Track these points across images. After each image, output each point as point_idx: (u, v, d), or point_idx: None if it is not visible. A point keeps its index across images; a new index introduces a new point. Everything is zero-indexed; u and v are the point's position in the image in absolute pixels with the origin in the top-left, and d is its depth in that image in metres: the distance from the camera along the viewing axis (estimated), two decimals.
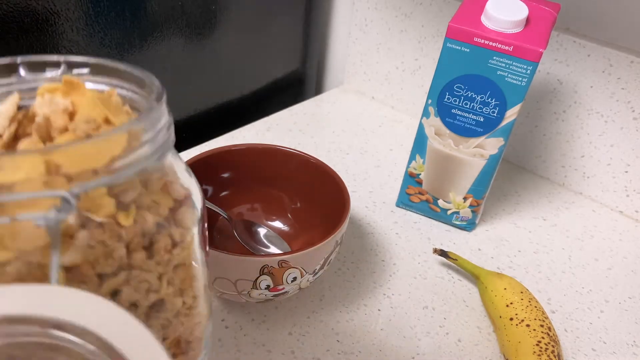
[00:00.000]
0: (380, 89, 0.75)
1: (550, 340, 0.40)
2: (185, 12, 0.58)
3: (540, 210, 0.59)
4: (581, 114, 0.59)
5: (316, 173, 0.48)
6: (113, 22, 0.52)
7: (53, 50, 0.49)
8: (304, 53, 0.77)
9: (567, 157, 0.62)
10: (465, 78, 0.46)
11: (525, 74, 0.44)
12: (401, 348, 0.42)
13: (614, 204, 0.60)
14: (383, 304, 0.46)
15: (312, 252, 0.39)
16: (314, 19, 0.76)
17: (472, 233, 0.55)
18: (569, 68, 0.57)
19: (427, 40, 0.67)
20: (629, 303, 0.49)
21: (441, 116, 0.49)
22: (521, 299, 0.43)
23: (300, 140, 0.67)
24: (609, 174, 0.59)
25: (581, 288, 0.50)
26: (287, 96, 0.78)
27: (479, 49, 0.44)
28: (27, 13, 0.45)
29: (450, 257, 0.49)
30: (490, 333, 0.45)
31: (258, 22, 0.67)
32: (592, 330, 0.46)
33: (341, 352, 0.42)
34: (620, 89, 0.55)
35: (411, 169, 0.54)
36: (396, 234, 0.54)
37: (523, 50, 0.43)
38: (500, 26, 0.44)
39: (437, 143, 0.51)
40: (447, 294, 0.48)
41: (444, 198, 0.54)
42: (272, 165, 0.49)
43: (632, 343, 0.45)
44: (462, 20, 0.45)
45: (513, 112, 0.46)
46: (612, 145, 0.58)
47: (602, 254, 0.54)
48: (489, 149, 0.49)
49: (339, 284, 0.47)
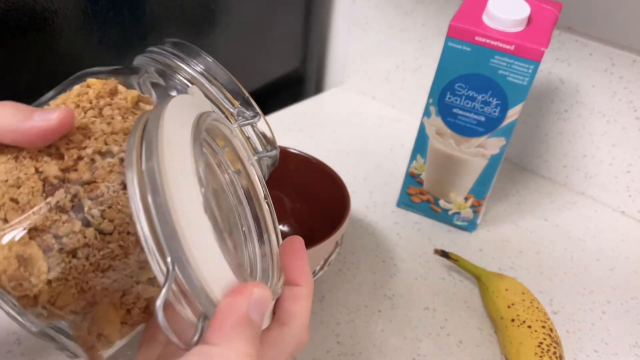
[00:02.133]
0: (381, 89, 0.75)
1: (552, 341, 0.40)
2: (184, 11, 0.58)
3: (542, 211, 0.59)
4: (583, 113, 0.58)
5: (316, 173, 0.48)
6: (112, 21, 0.51)
7: (52, 49, 0.48)
8: (303, 52, 0.77)
9: (568, 157, 0.61)
10: (467, 77, 0.46)
11: (527, 73, 0.44)
12: (402, 349, 0.42)
13: (616, 204, 0.60)
14: (384, 305, 0.46)
15: (312, 252, 0.39)
16: (314, 17, 0.75)
17: (474, 233, 0.55)
18: (570, 67, 0.57)
19: (428, 39, 0.66)
20: (631, 304, 0.49)
21: (442, 116, 0.49)
22: (523, 300, 0.43)
23: (300, 139, 0.66)
24: (611, 174, 0.59)
25: (583, 289, 0.50)
26: (286, 95, 0.78)
27: (480, 48, 0.44)
28: (26, 12, 0.45)
29: (451, 257, 0.49)
30: (491, 334, 0.44)
31: (257, 20, 0.67)
32: (594, 331, 0.46)
33: (341, 353, 0.41)
34: (622, 89, 0.55)
35: (412, 169, 0.54)
36: (397, 234, 0.54)
37: (525, 49, 0.43)
38: (502, 25, 0.43)
39: (438, 143, 0.50)
40: (448, 295, 0.47)
41: (445, 198, 0.53)
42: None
43: (634, 344, 0.45)
44: (463, 19, 0.44)
45: (514, 111, 0.46)
46: (614, 145, 0.58)
47: (604, 255, 0.54)
48: (491, 148, 0.49)
49: (339, 284, 0.47)
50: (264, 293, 0.23)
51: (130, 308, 0.28)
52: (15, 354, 0.39)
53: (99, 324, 0.26)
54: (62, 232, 0.24)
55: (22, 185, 0.24)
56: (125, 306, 0.27)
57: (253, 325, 0.22)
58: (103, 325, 0.27)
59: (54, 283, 0.24)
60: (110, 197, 0.25)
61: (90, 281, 0.25)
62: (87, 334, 0.26)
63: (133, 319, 0.28)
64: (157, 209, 0.20)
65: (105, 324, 0.27)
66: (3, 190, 0.24)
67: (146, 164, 0.21)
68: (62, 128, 0.25)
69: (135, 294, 0.28)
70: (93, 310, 0.26)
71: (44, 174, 0.25)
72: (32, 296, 0.24)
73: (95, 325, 0.26)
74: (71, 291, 0.24)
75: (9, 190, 0.24)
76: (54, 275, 0.24)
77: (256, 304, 0.23)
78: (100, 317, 0.26)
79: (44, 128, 0.24)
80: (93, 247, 0.25)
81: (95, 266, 0.25)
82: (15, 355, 0.38)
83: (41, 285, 0.24)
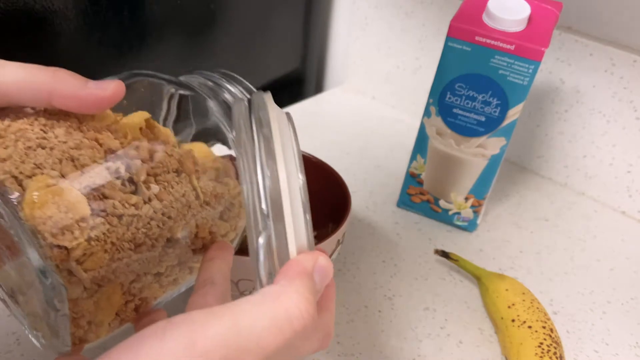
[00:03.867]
0: (381, 89, 0.75)
1: (552, 341, 0.40)
2: (184, 10, 0.58)
3: (542, 211, 0.59)
4: (583, 113, 0.58)
5: (317, 172, 0.47)
6: (111, 21, 0.51)
7: (52, 49, 0.48)
8: (303, 52, 0.77)
9: (569, 157, 0.61)
10: (467, 77, 0.46)
11: (527, 73, 0.44)
12: (402, 350, 0.42)
13: (616, 204, 0.60)
14: (384, 305, 0.46)
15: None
16: (314, 17, 0.75)
17: (474, 234, 0.55)
18: (571, 67, 0.57)
19: (428, 39, 0.66)
20: (631, 304, 0.49)
21: (442, 116, 0.49)
22: (523, 300, 0.43)
23: (300, 139, 0.66)
24: (611, 174, 0.59)
25: (583, 289, 0.50)
26: (286, 95, 0.78)
27: (480, 47, 0.44)
28: (26, 12, 0.45)
29: (451, 258, 0.49)
30: (491, 334, 0.44)
31: (257, 20, 0.67)
32: (594, 332, 0.46)
33: (341, 353, 0.41)
34: (622, 89, 0.55)
35: (412, 169, 0.54)
36: (397, 234, 0.54)
37: (525, 49, 0.43)
38: (502, 25, 0.43)
39: (439, 143, 0.50)
40: (449, 295, 0.47)
41: (445, 198, 0.53)
42: None
43: (634, 344, 0.45)
44: (463, 19, 0.44)
45: (515, 111, 0.46)
46: (614, 145, 0.58)
47: (605, 255, 0.54)
48: (491, 148, 0.49)
49: (339, 285, 0.47)
50: (327, 263, 0.25)
51: (129, 300, 0.29)
52: (15, 354, 0.39)
53: (98, 308, 0.27)
54: (114, 195, 0.25)
55: (83, 148, 0.25)
56: (127, 296, 0.28)
57: (314, 283, 0.24)
58: (101, 310, 0.27)
59: (92, 242, 0.24)
60: (165, 179, 0.27)
61: (122, 251, 0.26)
62: (81, 316, 0.26)
63: (126, 314, 0.29)
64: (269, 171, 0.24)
65: (104, 310, 0.27)
66: (63, 149, 0.25)
67: (261, 131, 0.25)
68: (115, 97, 0.26)
69: (140, 286, 0.29)
70: (103, 288, 0.26)
71: (104, 145, 0.26)
72: (68, 248, 0.24)
73: (95, 307, 0.27)
74: (104, 255, 0.25)
75: (69, 151, 0.25)
76: (95, 234, 0.24)
77: (320, 269, 0.25)
78: (103, 300, 0.27)
79: (100, 96, 0.26)
80: (137, 218, 0.26)
81: (132, 237, 0.26)
82: (15, 355, 0.38)
83: (81, 240, 0.24)
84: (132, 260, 0.26)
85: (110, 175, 0.26)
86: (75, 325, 0.26)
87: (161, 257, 0.28)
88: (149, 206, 0.26)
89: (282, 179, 0.25)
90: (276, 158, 0.25)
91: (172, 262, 0.29)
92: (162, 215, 0.27)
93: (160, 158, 0.28)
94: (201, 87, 0.33)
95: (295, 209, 0.25)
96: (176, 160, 0.28)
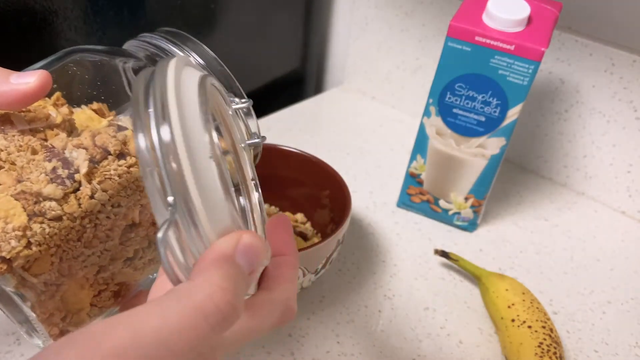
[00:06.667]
0: (381, 89, 0.75)
1: (552, 341, 0.40)
2: (184, 11, 0.58)
3: (542, 211, 0.59)
4: (583, 113, 0.58)
5: (317, 172, 0.48)
6: (111, 21, 0.51)
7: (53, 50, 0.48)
8: (303, 52, 0.77)
9: (569, 157, 0.61)
10: (467, 77, 0.46)
11: (527, 73, 0.44)
12: (402, 350, 0.42)
13: (616, 204, 0.60)
14: (384, 305, 0.46)
15: (315, 251, 0.39)
16: (314, 17, 0.75)
17: (474, 234, 0.55)
18: (570, 67, 0.57)
19: (428, 39, 0.66)
20: (631, 304, 0.49)
21: (442, 116, 0.49)
22: (523, 300, 0.43)
23: (300, 139, 0.66)
24: (611, 174, 0.59)
25: (583, 289, 0.50)
26: (286, 95, 0.78)
27: (480, 48, 0.44)
28: (26, 12, 0.45)
29: (451, 258, 0.49)
30: (491, 334, 0.44)
31: (257, 20, 0.67)
32: (594, 332, 0.45)
33: (341, 353, 0.41)
34: (622, 89, 0.55)
35: (412, 169, 0.54)
36: (397, 234, 0.54)
37: (525, 49, 0.43)
38: (502, 25, 0.43)
39: (438, 143, 0.50)
40: (449, 295, 0.47)
41: (445, 198, 0.53)
42: (272, 164, 0.49)
43: (634, 344, 0.45)
44: (463, 19, 0.44)
45: (515, 111, 0.46)
46: (614, 145, 0.58)
47: (604, 255, 0.54)
48: (491, 148, 0.49)
49: (339, 285, 0.47)
50: (253, 240, 0.22)
51: (103, 289, 0.28)
52: (15, 354, 0.39)
53: (68, 304, 0.26)
54: (53, 197, 0.24)
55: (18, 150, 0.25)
56: (97, 287, 0.27)
57: (237, 267, 0.21)
58: (71, 305, 0.26)
59: (33, 247, 0.23)
60: (109, 169, 0.25)
61: (71, 250, 0.25)
62: (51, 315, 0.26)
63: (103, 301, 0.28)
64: (163, 145, 0.20)
65: (74, 304, 0.26)
66: None
67: (154, 105, 0.21)
68: (41, 91, 0.24)
69: (110, 274, 0.28)
70: (64, 286, 0.25)
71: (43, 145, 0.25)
72: (7, 258, 0.23)
73: (63, 303, 0.26)
74: (49, 259, 0.24)
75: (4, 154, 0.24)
76: (36, 239, 0.23)
77: (244, 249, 0.22)
78: (70, 295, 0.26)
79: (23, 91, 0.24)
80: (81, 215, 0.25)
81: (79, 235, 0.25)
82: (15, 355, 0.38)
83: (19, 248, 0.23)
84: (86, 256, 0.26)
85: (47, 176, 0.24)
86: (49, 324, 0.26)
87: (124, 243, 0.27)
88: (95, 201, 0.25)
89: (181, 152, 0.20)
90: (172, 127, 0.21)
91: (140, 244, 0.28)
92: (112, 207, 0.26)
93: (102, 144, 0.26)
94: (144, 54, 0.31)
95: (206, 184, 0.21)
96: (120, 142, 0.26)
